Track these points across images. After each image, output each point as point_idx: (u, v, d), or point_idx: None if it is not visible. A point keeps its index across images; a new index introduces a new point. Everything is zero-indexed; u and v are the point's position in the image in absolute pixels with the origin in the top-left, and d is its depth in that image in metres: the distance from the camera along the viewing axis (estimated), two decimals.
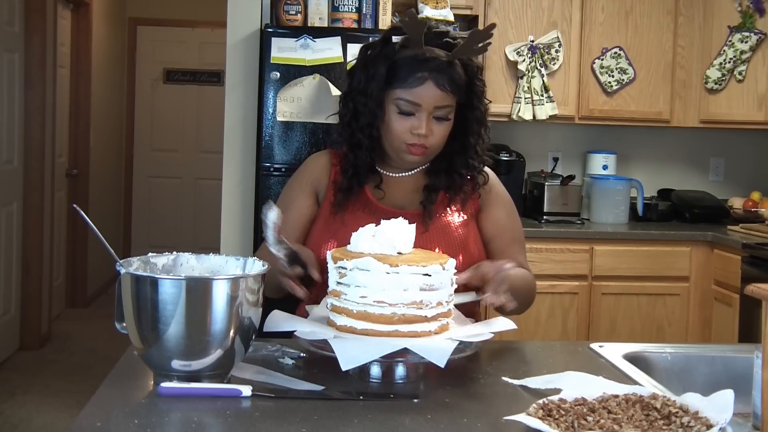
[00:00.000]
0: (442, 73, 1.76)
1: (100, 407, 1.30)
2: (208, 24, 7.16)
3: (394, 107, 1.79)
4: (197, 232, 7.37)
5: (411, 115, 1.78)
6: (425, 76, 1.76)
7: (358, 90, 1.83)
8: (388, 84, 1.79)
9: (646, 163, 4.65)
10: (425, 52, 1.77)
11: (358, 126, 1.84)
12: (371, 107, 1.81)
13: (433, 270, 1.45)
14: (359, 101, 1.83)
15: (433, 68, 1.76)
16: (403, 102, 1.78)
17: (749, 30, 4.16)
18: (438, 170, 1.89)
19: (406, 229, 1.53)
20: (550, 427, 1.18)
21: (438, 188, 1.88)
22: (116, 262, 1.39)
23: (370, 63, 1.82)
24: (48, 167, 5.29)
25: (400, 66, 1.78)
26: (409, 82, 1.76)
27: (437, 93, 1.77)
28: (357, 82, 1.84)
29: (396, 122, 1.80)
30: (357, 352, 1.38)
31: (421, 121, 1.78)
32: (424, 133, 1.78)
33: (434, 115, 1.79)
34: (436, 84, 1.76)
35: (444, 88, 1.77)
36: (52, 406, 4.20)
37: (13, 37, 4.88)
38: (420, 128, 1.78)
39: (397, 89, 1.78)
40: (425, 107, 1.77)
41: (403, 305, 1.43)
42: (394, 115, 1.80)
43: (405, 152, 1.82)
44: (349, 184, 1.86)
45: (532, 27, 4.16)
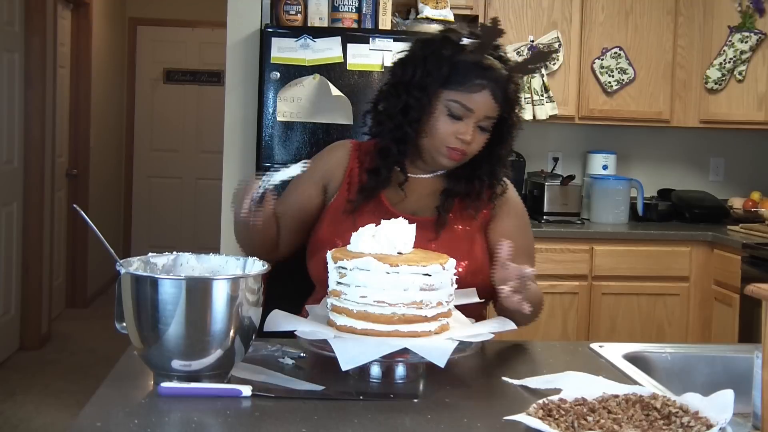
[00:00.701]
0: (499, 84, 1.76)
1: (100, 407, 1.30)
2: (208, 24, 7.16)
3: (444, 108, 1.77)
4: (197, 232, 7.37)
5: (459, 119, 1.77)
6: (484, 84, 1.75)
7: (413, 84, 1.80)
8: (444, 84, 1.77)
9: (646, 163, 4.65)
10: (487, 61, 1.77)
11: (407, 119, 1.80)
12: (424, 103, 1.78)
13: (433, 270, 1.45)
14: (413, 95, 1.79)
15: (492, 78, 1.76)
16: (455, 105, 1.76)
17: (749, 30, 4.16)
18: (459, 176, 1.87)
19: (406, 229, 1.53)
20: (550, 427, 1.18)
21: (456, 194, 1.87)
22: (116, 262, 1.39)
23: (431, 59, 1.79)
24: (48, 167, 5.29)
25: (461, 69, 1.76)
26: (467, 86, 1.75)
27: (491, 103, 1.76)
28: (410, 75, 1.81)
29: (443, 124, 1.78)
30: (357, 352, 1.38)
31: (468, 127, 1.77)
32: (468, 140, 1.77)
33: (480, 123, 1.78)
34: (492, 94, 1.76)
35: (498, 99, 1.77)
36: (52, 406, 4.20)
37: (13, 37, 4.88)
38: (466, 134, 1.77)
39: (452, 91, 1.76)
40: (476, 114, 1.76)
41: (403, 305, 1.43)
42: (443, 116, 1.78)
43: (443, 155, 1.81)
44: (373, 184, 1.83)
45: (532, 27, 4.16)
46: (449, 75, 1.77)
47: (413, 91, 1.80)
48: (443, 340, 1.44)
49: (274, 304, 1.60)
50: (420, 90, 1.79)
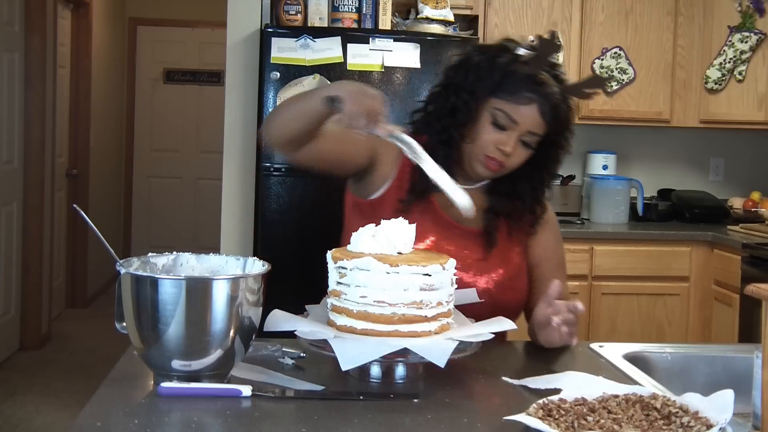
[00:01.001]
0: (549, 102, 1.74)
1: (100, 407, 1.30)
2: (208, 24, 7.17)
3: (490, 116, 1.75)
4: (197, 232, 7.37)
5: (503, 129, 1.75)
6: (534, 98, 1.73)
7: (463, 87, 1.78)
8: (494, 92, 1.75)
9: (646, 163, 4.65)
10: (541, 76, 1.75)
11: (453, 122, 1.79)
12: (471, 107, 1.76)
13: (433, 270, 1.45)
14: (461, 98, 1.78)
15: (542, 94, 1.73)
16: (501, 114, 1.74)
17: (749, 30, 4.16)
18: (501, 192, 1.86)
19: (406, 229, 1.53)
20: (550, 427, 1.18)
21: (501, 212, 1.85)
22: (116, 262, 1.39)
23: (484, 65, 1.77)
24: (48, 167, 5.29)
25: (513, 79, 1.74)
26: (516, 98, 1.73)
27: (537, 119, 1.74)
28: (462, 78, 1.79)
29: (485, 131, 1.76)
30: (357, 352, 1.38)
31: (510, 139, 1.75)
32: (508, 152, 1.75)
33: (523, 138, 1.76)
34: (540, 110, 1.74)
35: (545, 117, 1.74)
36: (52, 406, 4.20)
37: (13, 37, 4.88)
38: (507, 145, 1.74)
39: (500, 100, 1.75)
40: (520, 127, 1.74)
41: (403, 305, 1.42)
42: (486, 124, 1.76)
43: (481, 163, 1.79)
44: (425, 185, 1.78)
45: (532, 27, 4.16)
46: (500, 83, 1.74)
47: (462, 94, 1.78)
48: (443, 340, 1.44)
49: (274, 304, 1.61)
50: (469, 94, 1.77)
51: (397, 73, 3.53)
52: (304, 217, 3.53)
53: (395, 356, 1.42)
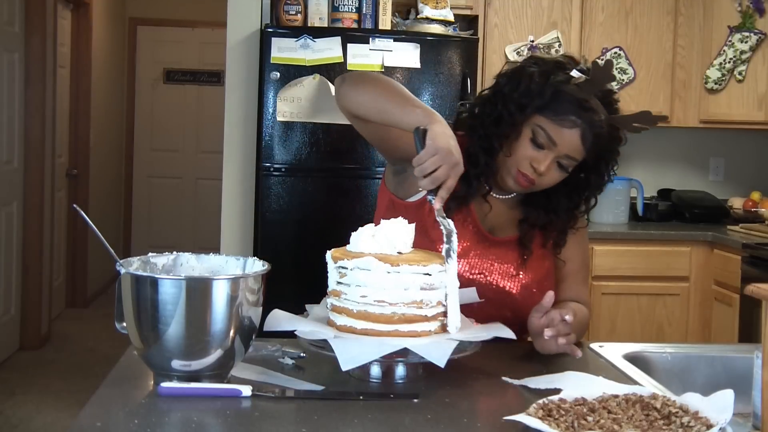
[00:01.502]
0: (593, 128, 1.70)
1: (100, 407, 1.30)
2: (208, 24, 7.16)
3: (530, 132, 1.73)
4: (197, 232, 7.37)
5: (541, 147, 1.72)
6: (577, 122, 1.70)
7: (512, 98, 1.75)
8: (540, 109, 1.72)
9: (646, 163, 4.65)
10: (592, 102, 1.71)
11: (496, 132, 1.76)
12: (516, 119, 1.74)
13: (433, 269, 1.45)
14: (508, 108, 1.75)
15: (588, 120, 1.70)
16: (542, 132, 1.72)
17: (749, 30, 4.16)
18: (536, 204, 1.84)
19: (405, 229, 1.53)
20: (550, 427, 1.18)
21: (535, 224, 1.84)
22: (116, 262, 1.39)
23: (537, 81, 1.73)
24: (48, 167, 5.29)
25: (561, 99, 1.71)
26: (561, 119, 1.70)
27: (577, 144, 1.71)
28: (512, 88, 1.76)
29: (523, 146, 1.74)
30: (357, 352, 1.38)
31: (547, 159, 1.72)
32: (542, 171, 1.72)
33: (560, 160, 1.73)
34: (582, 136, 1.70)
35: (586, 143, 1.71)
36: (52, 406, 4.20)
37: (13, 37, 4.88)
38: (542, 164, 1.72)
39: (544, 118, 1.72)
40: (558, 149, 1.72)
41: (404, 305, 1.42)
42: (525, 139, 1.73)
43: (512, 177, 1.76)
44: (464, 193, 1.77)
45: (532, 27, 4.16)
46: (548, 102, 1.72)
47: (509, 105, 1.75)
48: (443, 340, 1.44)
49: (274, 304, 1.61)
50: (516, 107, 1.74)
51: (397, 73, 3.53)
52: (304, 217, 3.53)
53: (395, 356, 1.42)
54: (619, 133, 1.78)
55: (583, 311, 1.86)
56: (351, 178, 3.52)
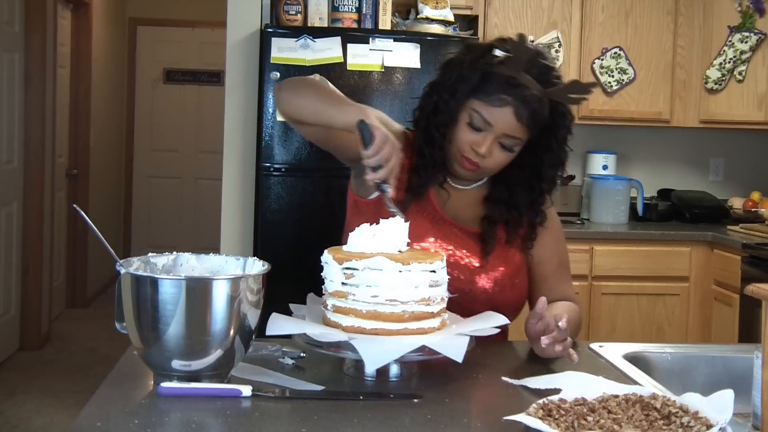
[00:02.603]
0: (525, 104, 1.71)
1: (100, 407, 1.30)
2: (208, 24, 7.16)
3: (467, 116, 1.75)
4: (197, 232, 7.37)
5: (479, 131, 1.74)
6: (508, 100, 1.71)
7: (446, 86, 1.78)
8: (472, 92, 1.74)
9: (646, 163, 4.65)
10: (520, 78, 1.72)
11: (435, 122, 1.79)
12: (451, 108, 1.76)
13: (437, 266, 1.47)
14: (443, 98, 1.78)
15: (519, 96, 1.71)
16: (477, 115, 1.73)
17: (749, 30, 4.16)
18: (499, 200, 1.85)
19: (402, 228, 1.53)
20: (550, 427, 1.18)
21: (497, 220, 1.84)
22: (116, 262, 1.39)
23: (467, 65, 1.76)
24: (48, 167, 5.29)
25: (491, 81, 1.72)
26: (491, 99, 1.71)
27: (513, 122, 1.72)
28: (447, 78, 1.79)
29: (462, 131, 1.75)
30: (380, 352, 1.38)
31: (486, 141, 1.73)
32: (482, 153, 1.74)
33: (501, 141, 1.74)
34: (516, 113, 1.71)
35: (522, 120, 1.71)
36: (52, 406, 4.20)
37: (13, 37, 4.88)
38: (482, 147, 1.73)
39: (477, 101, 1.73)
40: (495, 130, 1.73)
41: (414, 302, 1.44)
42: (463, 124, 1.75)
43: (457, 163, 1.78)
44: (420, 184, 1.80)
45: (532, 27, 4.16)
46: (478, 85, 1.73)
47: (444, 94, 1.78)
48: (456, 336, 1.45)
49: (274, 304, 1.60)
50: (450, 94, 1.76)
51: (397, 73, 3.53)
52: (304, 217, 3.53)
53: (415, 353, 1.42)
54: (563, 108, 1.79)
55: (575, 310, 1.86)
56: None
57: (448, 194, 1.86)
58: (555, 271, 1.92)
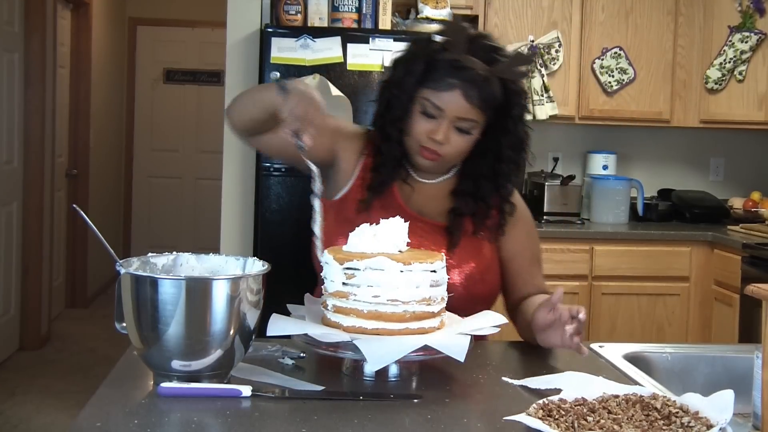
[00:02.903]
0: (473, 85, 1.72)
1: (100, 407, 1.30)
2: (208, 24, 7.16)
3: (420, 106, 1.76)
4: (197, 232, 7.37)
5: (433, 118, 1.75)
6: (455, 83, 1.72)
7: (395, 82, 1.80)
8: (421, 82, 1.76)
9: (646, 163, 4.65)
10: (464, 60, 1.73)
11: (389, 118, 1.81)
12: (403, 101, 1.78)
13: (437, 266, 1.47)
14: (394, 93, 1.80)
15: (465, 78, 1.72)
16: (428, 103, 1.75)
17: (749, 30, 4.16)
18: (465, 193, 1.85)
19: (402, 228, 1.54)
20: (550, 427, 1.18)
21: (464, 213, 1.84)
22: (116, 262, 1.39)
23: (412, 58, 1.79)
24: (48, 167, 5.29)
25: (436, 68, 1.74)
26: (439, 85, 1.73)
27: (463, 104, 1.73)
28: (396, 74, 1.81)
29: (417, 122, 1.77)
30: (383, 352, 1.38)
31: (441, 127, 1.74)
32: (439, 140, 1.74)
33: (456, 125, 1.75)
34: (465, 95, 1.72)
35: (472, 101, 1.73)
36: (52, 406, 4.20)
37: (13, 37, 4.88)
38: (437, 134, 1.74)
39: (426, 89, 1.75)
40: (448, 114, 1.74)
41: (415, 302, 1.44)
42: (417, 115, 1.77)
43: (418, 154, 1.79)
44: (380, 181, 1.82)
45: (532, 27, 4.16)
46: (424, 73, 1.75)
47: (394, 89, 1.80)
48: (457, 336, 1.45)
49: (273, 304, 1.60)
50: (399, 88, 1.79)
51: None
52: (304, 217, 3.49)
53: (416, 353, 1.42)
54: (515, 86, 1.79)
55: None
56: None
57: (412, 189, 1.86)
58: (529, 264, 1.92)
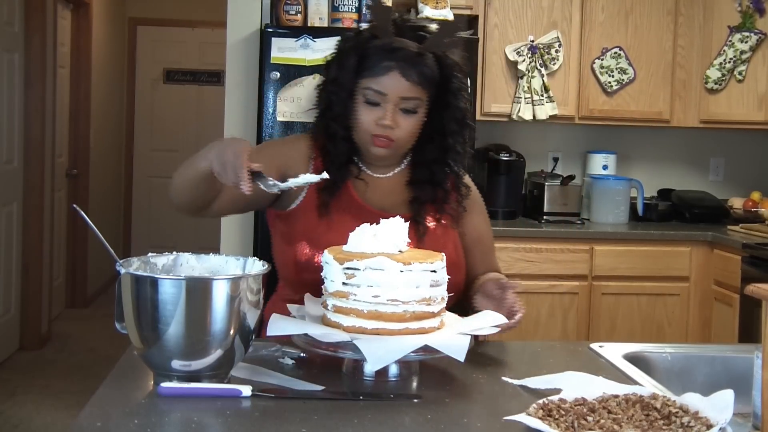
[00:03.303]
0: (409, 63, 1.74)
1: (100, 407, 1.30)
2: (208, 24, 7.16)
3: (362, 97, 1.77)
4: (197, 232, 7.36)
5: (377, 105, 1.76)
6: (392, 65, 1.74)
7: (331, 80, 1.82)
8: (357, 74, 1.77)
9: (646, 163, 4.65)
10: (394, 42, 1.75)
11: (332, 116, 1.82)
12: (342, 97, 1.79)
13: (438, 266, 1.47)
14: (332, 92, 1.81)
15: (400, 58, 1.74)
16: (369, 91, 1.76)
17: (749, 30, 4.16)
18: (421, 181, 1.87)
19: (402, 228, 1.54)
20: (550, 427, 1.18)
21: (425, 200, 1.86)
22: (116, 262, 1.39)
23: (343, 53, 1.81)
24: (48, 167, 5.29)
25: (369, 56, 1.76)
26: (376, 71, 1.74)
27: (403, 84, 1.74)
28: (331, 73, 1.83)
29: (363, 113, 1.77)
30: (383, 352, 1.38)
31: (387, 111, 1.75)
32: (388, 124, 1.75)
33: (401, 107, 1.76)
34: (403, 74, 1.74)
35: (411, 79, 1.74)
36: (52, 406, 4.20)
37: (13, 37, 4.88)
38: (385, 119, 1.75)
39: (365, 79, 1.76)
40: (391, 97, 1.75)
41: (415, 302, 1.44)
42: (361, 105, 1.77)
43: (371, 144, 1.79)
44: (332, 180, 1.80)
45: (532, 27, 4.16)
46: (361, 64, 1.77)
47: (331, 87, 1.81)
48: (457, 336, 1.45)
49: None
50: (337, 85, 1.80)
51: None
52: None
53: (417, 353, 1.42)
54: (449, 60, 1.80)
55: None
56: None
57: (367, 185, 1.86)
58: (490, 248, 1.96)
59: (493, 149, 4.26)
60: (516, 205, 4.27)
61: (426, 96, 1.78)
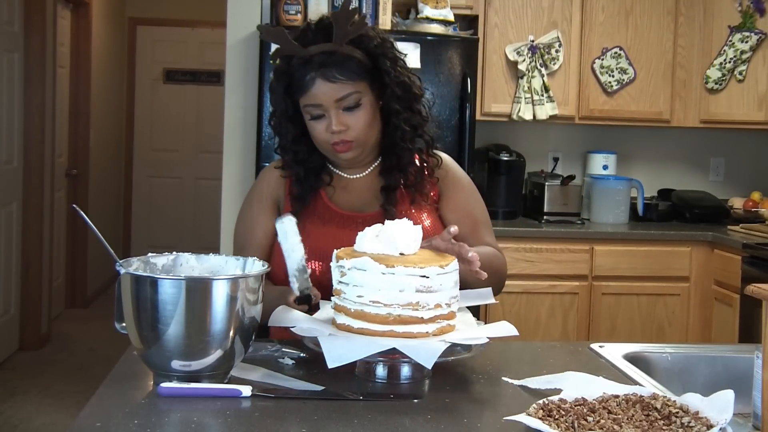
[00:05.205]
0: (326, 65, 1.74)
1: (100, 407, 1.30)
2: (208, 24, 7.16)
3: (307, 115, 1.80)
4: (197, 232, 7.37)
5: (321, 117, 1.78)
6: (313, 75, 1.75)
7: (276, 112, 1.86)
8: (292, 97, 1.80)
9: (646, 163, 4.65)
10: (304, 53, 1.76)
11: (289, 139, 1.85)
12: (292, 123, 1.83)
13: (430, 272, 1.44)
14: (279, 123, 1.85)
15: (317, 65, 1.75)
16: (308, 108, 1.78)
17: (749, 30, 4.16)
18: (390, 168, 1.88)
19: (410, 230, 1.51)
20: (550, 428, 1.18)
21: (395, 187, 1.86)
22: (116, 262, 1.39)
23: (273, 85, 1.85)
24: (48, 167, 5.29)
25: (293, 75, 1.78)
26: (303, 86, 1.76)
27: (330, 86, 1.75)
28: (274, 105, 1.87)
29: (313, 128, 1.80)
30: (344, 351, 1.38)
31: (331, 118, 1.77)
32: (337, 130, 1.76)
33: (342, 107, 1.77)
34: (326, 78, 1.74)
35: (335, 79, 1.75)
36: (52, 406, 4.20)
37: (13, 37, 4.88)
38: (334, 125, 1.76)
39: (300, 98, 1.79)
40: (327, 105, 1.76)
41: (399, 306, 1.42)
42: (309, 123, 1.80)
43: (333, 153, 1.82)
44: (302, 191, 1.86)
45: (532, 27, 4.16)
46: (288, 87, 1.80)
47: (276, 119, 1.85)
48: (434, 342, 1.42)
49: None
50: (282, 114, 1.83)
51: None
52: None
53: (389, 356, 1.41)
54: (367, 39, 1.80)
55: (500, 258, 1.89)
56: None
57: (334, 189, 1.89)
58: (474, 228, 1.92)
59: (493, 149, 4.26)
60: (516, 205, 4.27)
61: (363, 84, 1.78)
